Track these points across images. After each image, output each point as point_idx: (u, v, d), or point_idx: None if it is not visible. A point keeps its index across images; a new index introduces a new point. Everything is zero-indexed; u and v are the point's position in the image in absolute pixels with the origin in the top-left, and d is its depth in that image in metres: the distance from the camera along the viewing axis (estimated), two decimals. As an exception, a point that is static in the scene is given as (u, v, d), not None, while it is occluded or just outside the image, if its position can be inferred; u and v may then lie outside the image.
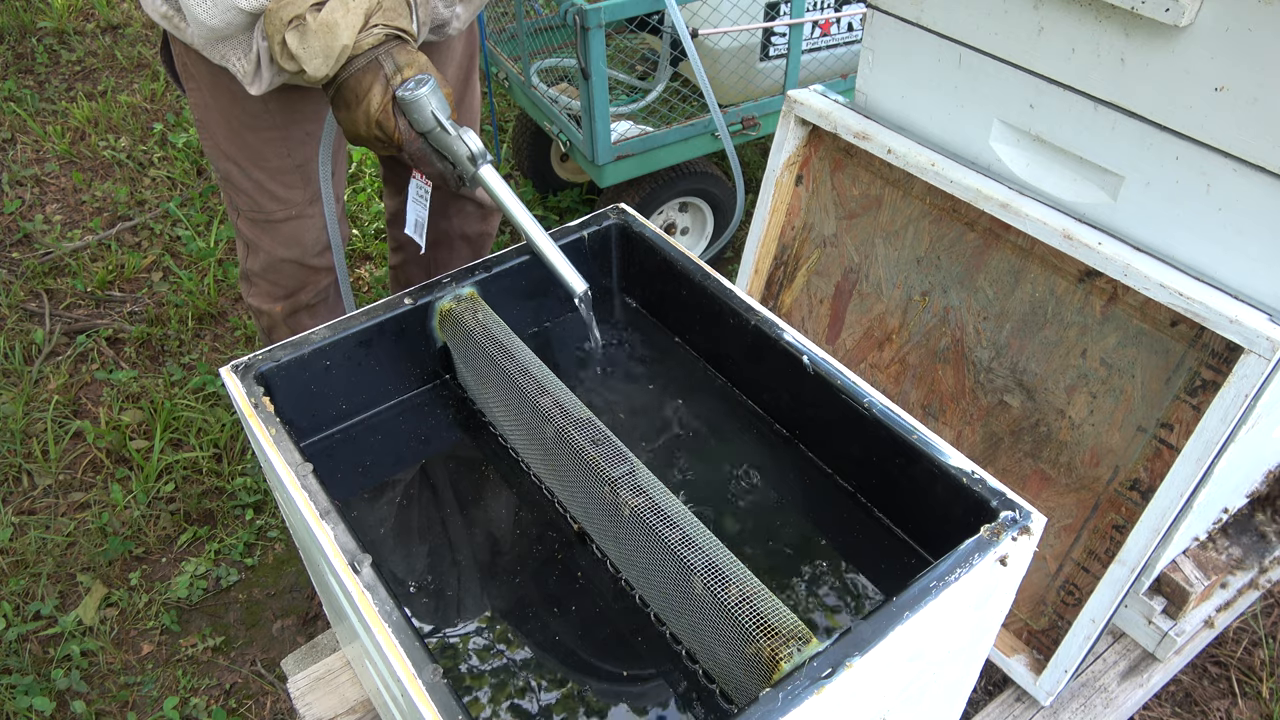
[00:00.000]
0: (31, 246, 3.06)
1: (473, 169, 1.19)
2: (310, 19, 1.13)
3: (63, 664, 1.97)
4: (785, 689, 0.77)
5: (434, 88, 1.16)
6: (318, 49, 1.14)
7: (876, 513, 1.11)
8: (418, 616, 1.05)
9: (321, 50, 1.14)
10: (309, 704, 1.53)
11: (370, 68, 1.16)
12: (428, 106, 1.16)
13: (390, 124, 1.17)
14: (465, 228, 1.89)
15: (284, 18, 1.14)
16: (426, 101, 1.15)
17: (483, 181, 1.20)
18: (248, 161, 1.52)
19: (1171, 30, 1.13)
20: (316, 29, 1.13)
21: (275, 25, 1.15)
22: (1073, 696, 1.57)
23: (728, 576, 0.87)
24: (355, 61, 1.16)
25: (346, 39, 1.14)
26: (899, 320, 1.59)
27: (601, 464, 0.98)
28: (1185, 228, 1.23)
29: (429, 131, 1.18)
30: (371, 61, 1.16)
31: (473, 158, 1.18)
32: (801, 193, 1.68)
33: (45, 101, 3.75)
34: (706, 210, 2.77)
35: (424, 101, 1.15)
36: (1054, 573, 1.42)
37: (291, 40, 1.14)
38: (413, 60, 1.18)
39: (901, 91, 1.52)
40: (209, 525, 2.23)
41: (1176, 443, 1.25)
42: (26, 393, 2.53)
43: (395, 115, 1.17)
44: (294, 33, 1.14)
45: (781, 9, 2.43)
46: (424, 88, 1.15)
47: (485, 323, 1.18)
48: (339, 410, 1.23)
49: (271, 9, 1.15)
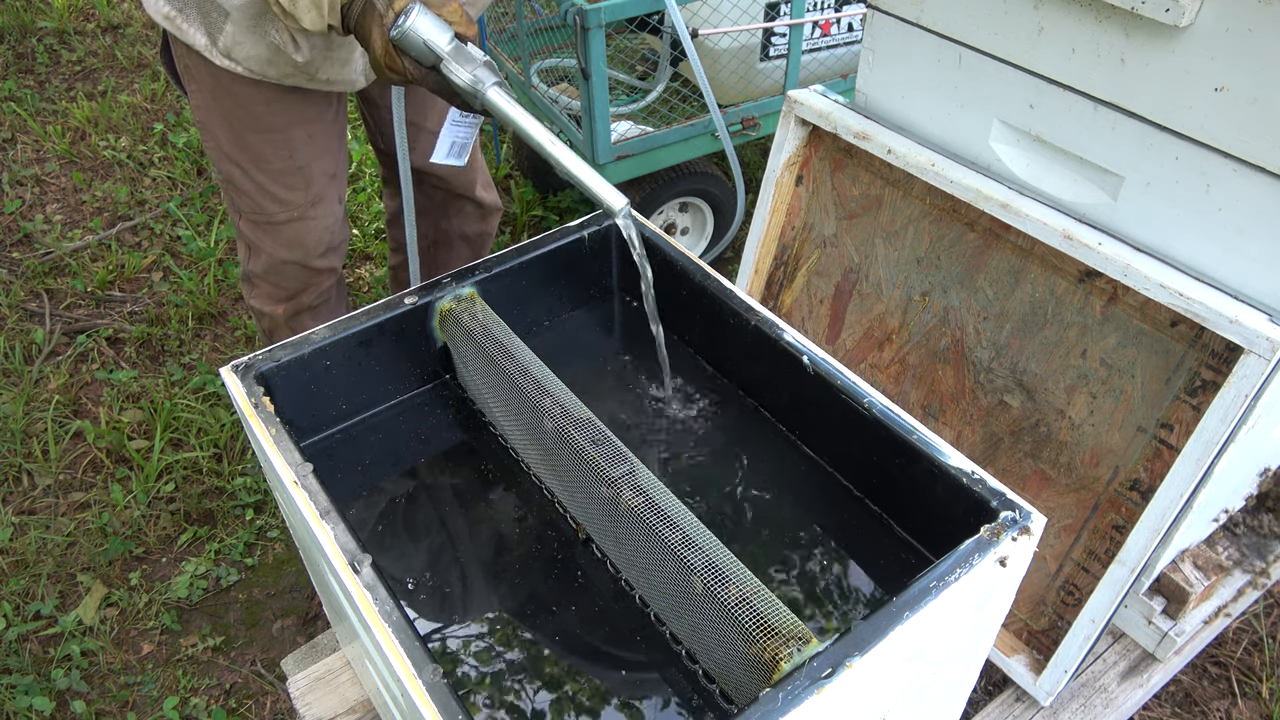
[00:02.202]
0: (32, 246, 3.06)
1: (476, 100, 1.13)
2: None
3: (63, 664, 1.97)
4: (785, 689, 0.77)
5: (422, 12, 1.10)
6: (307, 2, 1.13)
7: (876, 512, 1.11)
8: (418, 616, 1.05)
9: (311, 3, 1.13)
10: (309, 704, 1.53)
11: (366, 10, 1.14)
12: (419, 39, 1.10)
13: (398, 65, 1.14)
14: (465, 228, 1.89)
15: None
16: (416, 34, 1.10)
17: (492, 107, 1.13)
18: (249, 163, 1.52)
19: (1171, 30, 1.13)
20: None
21: None
22: (1073, 696, 1.57)
23: (727, 576, 0.87)
24: (353, 7, 1.14)
25: None
26: (899, 320, 1.59)
27: (601, 464, 0.98)
28: (1185, 228, 1.23)
29: (436, 64, 1.13)
30: (367, 3, 1.13)
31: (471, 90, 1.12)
32: (801, 193, 1.68)
33: (45, 101, 3.75)
34: (706, 210, 2.77)
35: (413, 35, 1.10)
36: (1054, 573, 1.42)
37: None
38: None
39: (901, 92, 1.52)
40: (209, 525, 2.23)
41: (1176, 443, 1.25)
42: (26, 393, 2.53)
43: (399, 56, 1.14)
44: None
45: (781, 9, 2.43)
46: (410, 18, 1.10)
47: (485, 323, 1.17)
48: (339, 410, 1.23)
49: None
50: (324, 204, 1.60)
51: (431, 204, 1.84)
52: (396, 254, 2.00)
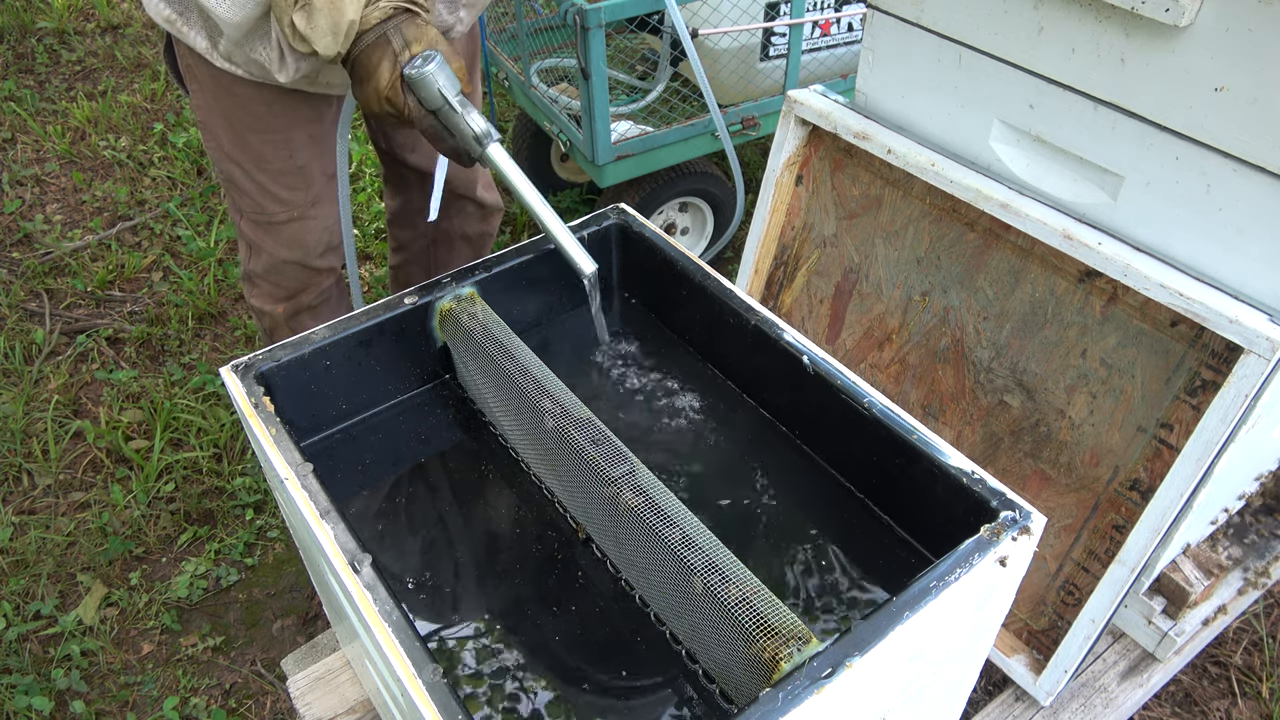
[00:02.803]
0: (31, 246, 3.06)
1: (480, 149, 1.17)
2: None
3: (63, 664, 1.97)
4: (785, 689, 0.77)
5: (441, 64, 1.14)
6: (325, 27, 1.13)
7: (876, 512, 1.11)
8: (418, 616, 1.05)
9: (329, 28, 1.13)
10: (309, 704, 1.53)
11: (379, 43, 1.15)
12: (434, 84, 1.14)
13: (399, 100, 1.16)
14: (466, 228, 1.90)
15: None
16: (433, 79, 1.13)
17: (490, 161, 1.18)
18: (250, 164, 1.52)
19: (1171, 30, 1.13)
20: (322, 6, 1.12)
21: (282, 7, 1.15)
22: (1072, 696, 1.57)
23: (727, 576, 0.87)
24: (364, 37, 1.15)
25: (353, 14, 1.13)
26: (899, 320, 1.59)
27: (601, 464, 0.98)
28: (1185, 228, 1.23)
29: (438, 109, 1.16)
30: (380, 37, 1.15)
31: (478, 138, 1.17)
32: (801, 193, 1.68)
33: (45, 101, 3.75)
34: (706, 210, 2.77)
35: (430, 79, 1.13)
36: (1054, 573, 1.42)
37: (299, 20, 1.14)
38: (422, 35, 1.16)
39: (901, 91, 1.52)
40: (209, 525, 2.23)
41: (1176, 443, 1.25)
42: (26, 393, 2.53)
43: (404, 92, 1.16)
44: (300, 13, 1.13)
45: (781, 9, 2.43)
46: (431, 64, 1.13)
47: (485, 323, 1.17)
48: (339, 410, 1.23)
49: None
50: (324, 204, 1.60)
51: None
52: (397, 254, 2.00)
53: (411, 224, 1.91)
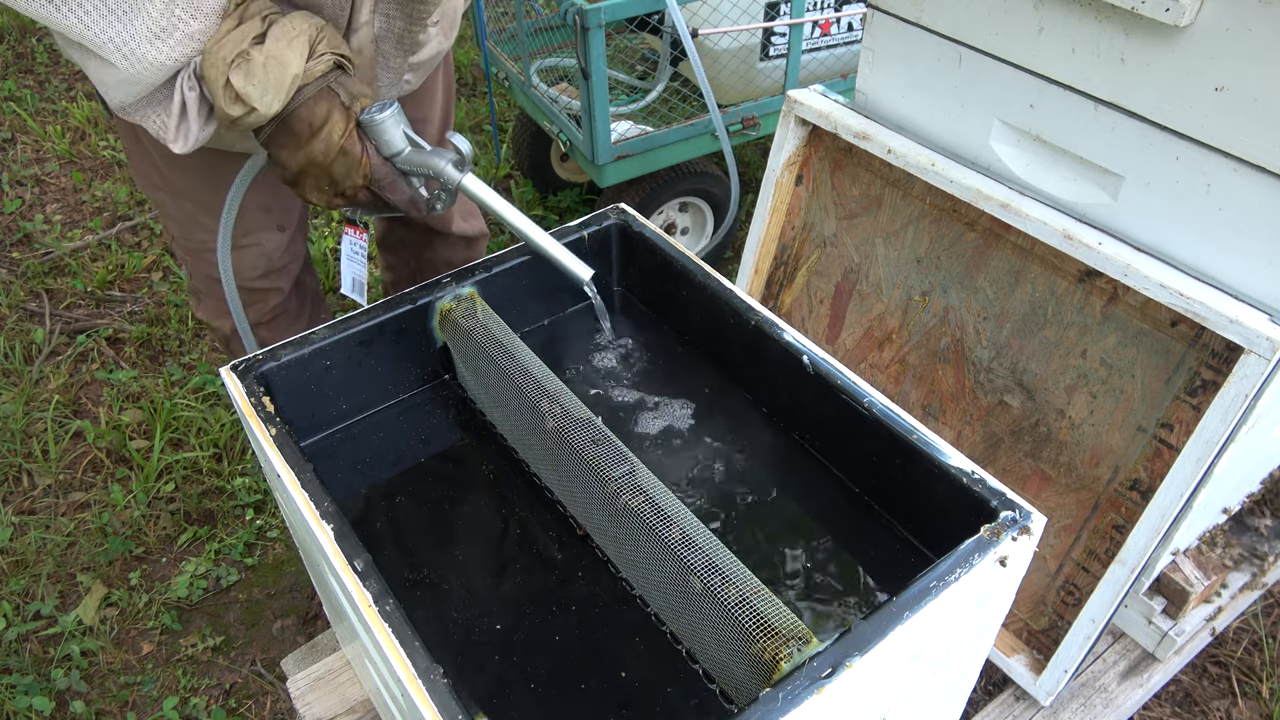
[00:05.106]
0: (31, 246, 3.06)
1: (458, 176, 1.16)
2: (255, 53, 1.05)
3: (63, 664, 1.97)
4: (785, 689, 0.77)
5: (397, 110, 1.12)
6: (269, 83, 1.06)
7: (876, 511, 1.11)
8: (418, 616, 1.05)
9: (273, 84, 1.06)
10: (309, 704, 1.53)
11: (323, 95, 1.10)
12: (397, 127, 1.12)
13: (357, 150, 1.12)
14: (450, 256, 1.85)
15: (225, 57, 1.05)
16: (395, 122, 1.12)
17: (468, 190, 1.17)
18: (178, 195, 1.46)
19: (1171, 30, 1.13)
20: (264, 62, 1.05)
21: (216, 67, 1.06)
22: (1073, 696, 1.57)
23: (727, 576, 0.87)
24: (305, 91, 1.09)
25: (297, 68, 1.06)
26: (899, 320, 1.59)
27: (601, 464, 0.98)
28: (1185, 228, 1.23)
29: (398, 154, 1.14)
30: (324, 90, 1.10)
31: (459, 162, 1.15)
32: (801, 193, 1.68)
33: (45, 101, 3.75)
34: (706, 210, 2.77)
35: (391, 123, 1.12)
36: (1054, 573, 1.42)
37: (237, 79, 1.05)
38: (365, 90, 1.14)
39: (901, 91, 1.52)
40: (209, 525, 2.23)
41: (1176, 443, 1.25)
42: (26, 393, 2.53)
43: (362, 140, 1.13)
44: (238, 71, 1.05)
45: (781, 9, 2.43)
46: (387, 110, 1.12)
47: (485, 323, 1.18)
48: (339, 410, 1.23)
49: (210, 50, 1.06)
50: (257, 233, 1.54)
51: (411, 235, 1.82)
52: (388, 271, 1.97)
53: (396, 251, 1.88)
